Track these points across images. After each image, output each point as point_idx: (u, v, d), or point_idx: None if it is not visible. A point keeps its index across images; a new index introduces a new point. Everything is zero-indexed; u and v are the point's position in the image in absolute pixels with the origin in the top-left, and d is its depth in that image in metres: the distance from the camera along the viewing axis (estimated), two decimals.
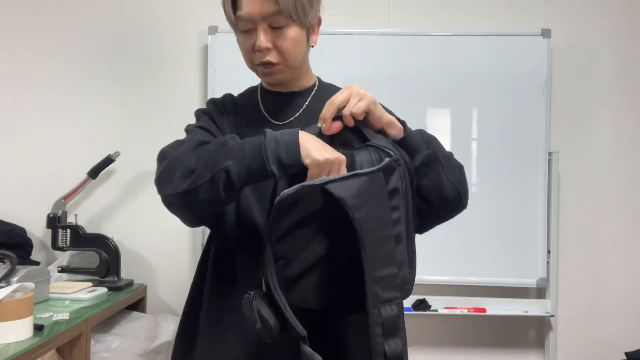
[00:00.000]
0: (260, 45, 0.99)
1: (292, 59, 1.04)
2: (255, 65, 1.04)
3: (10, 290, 1.32)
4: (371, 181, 0.80)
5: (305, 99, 1.12)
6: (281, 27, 1.00)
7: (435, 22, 2.22)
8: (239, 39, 1.04)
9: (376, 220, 0.79)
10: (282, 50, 1.01)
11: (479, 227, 2.09)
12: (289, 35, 1.01)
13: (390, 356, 0.78)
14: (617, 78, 2.23)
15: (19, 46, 2.23)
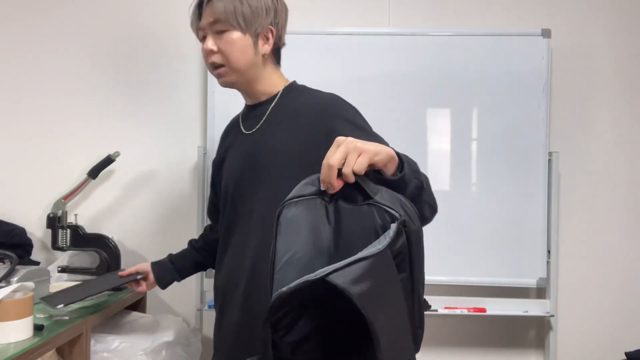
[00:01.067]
0: (206, 47, 1.20)
1: (235, 61, 1.19)
2: (210, 68, 1.25)
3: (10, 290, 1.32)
4: (376, 262, 0.75)
5: (268, 107, 1.24)
6: (223, 32, 1.18)
7: (435, 22, 2.22)
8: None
9: (384, 299, 0.75)
10: (224, 52, 1.19)
11: (479, 227, 2.09)
12: (229, 39, 1.18)
13: None
14: (617, 78, 2.23)
15: (19, 46, 2.23)
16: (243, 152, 1.23)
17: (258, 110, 1.25)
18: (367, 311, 0.71)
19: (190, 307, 2.20)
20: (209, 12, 1.18)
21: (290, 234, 0.85)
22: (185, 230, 2.22)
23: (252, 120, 1.25)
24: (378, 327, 0.72)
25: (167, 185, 2.23)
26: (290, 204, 0.86)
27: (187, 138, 2.22)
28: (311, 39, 2.00)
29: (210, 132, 2.11)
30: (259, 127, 1.23)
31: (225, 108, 2.11)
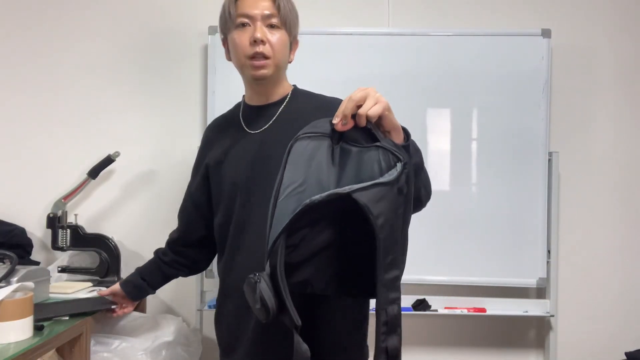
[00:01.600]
0: (257, 36, 1.15)
1: (280, 56, 1.20)
2: (246, 59, 1.19)
3: (10, 290, 1.32)
4: (389, 189, 0.87)
5: (278, 108, 1.26)
6: (275, 27, 1.18)
7: (435, 22, 2.22)
8: (235, 36, 1.19)
9: (390, 227, 0.86)
10: (273, 47, 1.18)
11: (479, 227, 2.09)
12: (280, 36, 1.19)
13: (390, 351, 0.86)
14: (617, 78, 2.23)
15: (19, 47, 2.23)
16: (251, 151, 1.22)
17: (266, 110, 1.26)
18: (380, 230, 0.84)
19: (190, 307, 2.20)
20: (267, 4, 1.17)
21: (296, 166, 0.92)
22: None
23: (259, 121, 1.25)
24: (383, 246, 0.85)
25: (167, 185, 2.23)
26: (302, 139, 0.94)
27: (187, 138, 2.22)
28: (311, 39, 1.99)
29: None
30: (268, 127, 1.23)
31: (225, 108, 2.10)
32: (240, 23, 1.18)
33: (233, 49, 1.21)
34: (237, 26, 1.18)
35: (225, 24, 1.22)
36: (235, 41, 1.19)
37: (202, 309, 2.12)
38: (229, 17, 1.19)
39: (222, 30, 1.25)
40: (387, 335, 0.86)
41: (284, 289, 0.87)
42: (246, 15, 1.17)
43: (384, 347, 0.86)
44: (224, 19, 1.21)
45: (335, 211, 0.92)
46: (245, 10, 1.17)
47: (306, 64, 2.07)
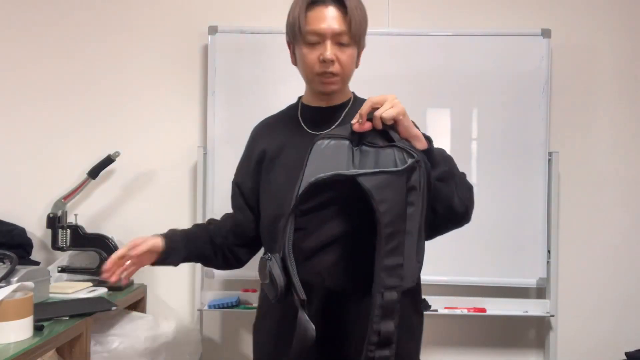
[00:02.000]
0: (327, 56, 1.14)
1: (348, 73, 1.20)
2: (314, 75, 1.18)
3: (10, 290, 1.32)
4: (395, 179, 0.91)
5: (341, 112, 1.26)
6: (344, 45, 1.16)
7: (435, 22, 2.22)
8: (304, 52, 1.18)
9: (394, 214, 0.90)
10: (342, 64, 1.17)
11: (479, 227, 2.08)
12: (349, 53, 1.17)
13: (383, 334, 0.90)
14: (617, 78, 2.23)
15: (18, 47, 2.23)
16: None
17: (329, 113, 1.25)
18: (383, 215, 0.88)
19: (190, 307, 2.20)
20: (339, 21, 1.14)
21: (317, 164, 0.97)
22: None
23: (321, 122, 1.24)
24: (385, 233, 0.88)
25: (167, 185, 2.23)
26: (323, 138, 0.99)
27: (187, 138, 2.22)
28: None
29: (210, 132, 2.11)
30: (331, 130, 1.19)
31: (225, 108, 2.11)
32: (310, 41, 1.16)
33: (301, 62, 1.20)
34: (306, 42, 1.16)
35: (293, 33, 1.19)
36: (304, 57, 1.18)
37: (202, 309, 2.12)
38: (298, 30, 1.16)
39: (289, 35, 1.22)
40: (381, 318, 0.89)
41: (290, 265, 0.91)
42: (316, 33, 1.15)
43: (377, 329, 0.89)
44: (293, 29, 1.18)
45: (344, 200, 0.95)
46: (316, 27, 1.14)
47: None
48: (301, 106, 1.30)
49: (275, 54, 2.08)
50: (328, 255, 0.97)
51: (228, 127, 2.08)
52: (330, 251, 0.97)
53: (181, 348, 1.93)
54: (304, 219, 0.95)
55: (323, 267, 0.97)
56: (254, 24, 2.15)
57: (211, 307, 2.08)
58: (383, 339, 0.90)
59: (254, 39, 2.10)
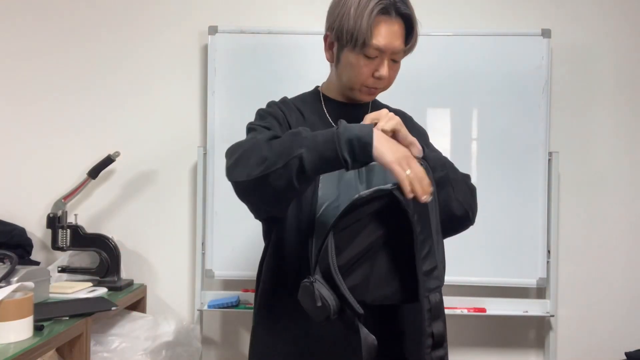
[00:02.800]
0: (383, 76, 1.12)
1: (389, 86, 1.19)
2: (361, 85, 1.15)
3: (10, 290, 1.32)
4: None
5: (365, 111, 1.22)
6: (397, 61, 1.14)
7: (435, 22, 2.21)
8: (358, 61, 1.11)
9: (423, 221, 0.95)
10: (390, 79, 1.16)
11: (479, 227, 2.07)
12: (398, 68, 1.16)
13: (436, 336, 0.94)
14: (617, 78, 2.23)
15: (19, 46, 2.23)
16: None
17: (353, 111, 1.21)
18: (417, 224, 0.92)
19: (190, 307, 2.20)
20: (401, 41, 1.11)
21: (328, 184, 1.00)
22: (186, 230, 2.22)
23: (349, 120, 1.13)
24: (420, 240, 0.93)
25: (167, 185, 2.23)
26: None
27: (187, 138, 2.22)
28: (313, 40, 1.99)
29: (210, 132, 2.11)
30: None
31: (225, 108, 2.11)
32: (370, 55, 1.10)
33: (350, 70, 1.13)
34: (364, 54, 1.10)
35: (349, 37, 1.09)
36: (356, 67, 1.12)
37: (202, 309, 2.12)
38: (361, 40, 1.08)
39: (338, 33, 1.11)
40: (432, 320, 0.93)
41: (340, 283, 0.90)
42: (379, 50, 1.09)
43: (430, 331, 0.93)
44: (352, 35, 1.08)
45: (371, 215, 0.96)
46: (381, 44, 1.08)
47: (308, 65, 2.07)
48: (324, 98, 1.25)
49: (275, 54, 2.08)
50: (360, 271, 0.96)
51: (228, 127, 2.08)
52: (360, 266, 0.96)
53: (181, 348, 1.93)
54: (336, 236, 0.93)
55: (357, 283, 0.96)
56: (254, 24, 2.15)
57: (211, 307, 2.08)
58: (437, 340, 0.94)
59: (254, 39, 2.10)
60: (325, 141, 0.92)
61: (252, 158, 0.95)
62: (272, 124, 1.13)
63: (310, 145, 0.92)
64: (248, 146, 0.99)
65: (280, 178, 0.92)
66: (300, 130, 0.96)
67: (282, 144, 0.95)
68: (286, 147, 0.93)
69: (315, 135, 0.94)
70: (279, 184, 0.92)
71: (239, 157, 0.99)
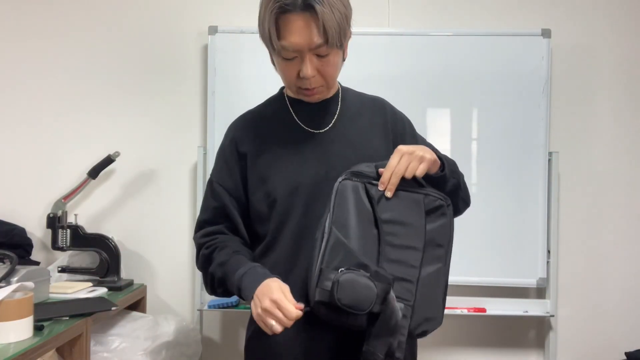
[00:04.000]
0: (307, 74, 1.05)
1: (333, 80, 1.14)
2: (296, 88, 1.12)
3: (10, 290, 1.32)
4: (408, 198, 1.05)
5: (336, 105, 1.19)
6: (324, 56, 1.06)
7: (435, 22, 2.22)
8: (281, 65, 1.09)
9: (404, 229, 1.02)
10: (325, 75, 1.09)
11: (479, 227, 2.09)
12: (332, 62, 1.08)
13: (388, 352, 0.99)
14: (618, 78, 2.22)
15: (18, 46, 2.23)
16: (318, 151, 1.13)
17: (322, 108, 1.17)
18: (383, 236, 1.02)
19: (190, 307, 2.20)
20: (314, 31, 1.01)
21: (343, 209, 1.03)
22: (185, 230, 2.22)
23: (318, 119, 1.16)
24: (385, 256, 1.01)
25: (167, 185, 2.23)
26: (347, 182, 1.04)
27: (187, 138, 2.22)
28: None
29: (210, 132, 2.11)
30: (333, 125, 1.16)
31: (225, 108, 2.11)
32: (286, 57, 1.05)
33: (280, 74, 1.11)
34: (283, 57, 1.06)
35: (266, 43, 1.08)
36: (283, 72, 1.10)
37: (202, 309, 2.12)
38: (271, 45, 1.06)
39: (263, 40, 1.10)
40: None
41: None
42: (292, 50, 1.03)
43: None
44: (265, 41, 1.08)
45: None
46: (291, 44, 1.02)
47: None
48: (289, 100, 1.19)
49: None
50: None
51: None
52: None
53: (181, 348, 1.93)
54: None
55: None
56: (254, 24, 2.13)
57: (211, 307, 2.08)
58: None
59: (254, 39, 2.07)
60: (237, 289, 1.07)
61: (202, 274, 1.17)
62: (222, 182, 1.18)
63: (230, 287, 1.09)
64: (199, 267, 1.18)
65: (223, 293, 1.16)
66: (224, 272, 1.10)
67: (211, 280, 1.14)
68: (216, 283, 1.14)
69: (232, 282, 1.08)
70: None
71: (198, 265, 1.19)
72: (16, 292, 1.34)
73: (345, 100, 1.21)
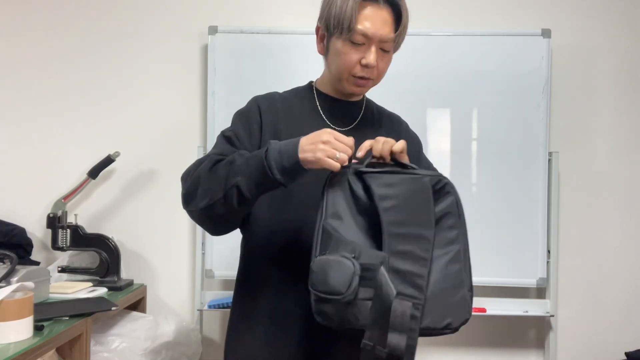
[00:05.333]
0: (371, 63, 1.08)
1: (381, 79, 1.15)
2: (349, 75, 1.12)
3: (10, 290, 1.32)
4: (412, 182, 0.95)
5: (359, 109, 1.22)
6: (386, 51, 1.11)
7: (435, 22, 2.22)
8: (344, 48, 1.09)
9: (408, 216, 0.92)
10: (380, 71, 1.12)
11: (479, 227, 2.09)
12: (388, 59, 1.13)
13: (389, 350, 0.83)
14: (617, 78, 2.22)
15: (18, 45, 2.23)
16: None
17: (347, 108, 1.20)
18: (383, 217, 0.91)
19: (190, 307, 2.20)
20: (390, 28, 1.09)
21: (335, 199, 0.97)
22: (185, 230, 2.22)
23: (342, 117, 1.19)
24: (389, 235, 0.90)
25: (167, 185, 2.23)
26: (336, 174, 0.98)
27: (187, 138, 2.22)
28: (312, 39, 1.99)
29: (210, 132, 2.11)
30: (354, 127, 1.19)
31: (225, 108, 2.11)
32: (355, 41, 1.08)
33: (338, 58, 1.11)
34: (351, 40, 1.08)
35: (337, 26, 1.08)
36: (343, 55, 1.10)
37: (202, 309, 2.12)
38: (346, 25, 1.07)
39: (327, 25, 1.10)
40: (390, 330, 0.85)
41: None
42: (365, 35, 1.07)
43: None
44: (338, 21, 1.07)
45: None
46: (367, 30, 1.07)
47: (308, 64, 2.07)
48: (317, 93, 1.21)
49: (275, 54, 2.08)
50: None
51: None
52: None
53: (181, 348, 1.93)
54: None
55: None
56: (254, 24, 2.15)
57: (211, 307, 2.08)
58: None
59: (254, 39, 2.10)
60: (257, 166, 0.96)
61: (197, 190, 1.01)
62: (238, 133, 1.13)
63: (245, 172, 0.96)
64: (194, 177, 1.03)
65: (223, 206, 0.99)
66: (234, 157, 1.00)
67: (219, 174, 0.99)
68: (223, 177, 0.98)
69: (248, 161, 0.98)
70: (222, 211, 1.00)
71: (188, 188, 1.04)
72: (16, 292, 1.34)
73: (368, 108, 1.25)
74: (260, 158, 0.96)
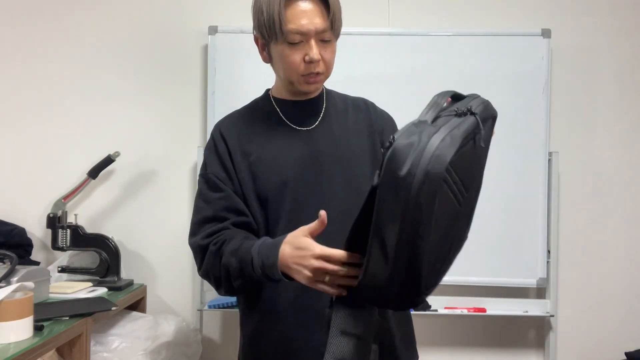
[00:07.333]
0: (315, 58, 1.08)
1: (331, 70, 1.15)
2: (298, 76, 1.11)
3: (10, 290, 1.32)
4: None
5: (320, 105, 1.21)
6: (327, 41, 1.10)
7: (435, 22, 2.22)
8: (284, 52, 1.09)
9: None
10: (327, 62, 1.11)
11: (479, 227, 2.08)
12: (332, 49, 1.12)
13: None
14: (617, 78, 2.22)
15: (19, 46, 2.23)
16: (302, 148, 1.15)
17: (308, 106, 1.20)
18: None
19: (190, 307, 2.20)
20: (322, 18, 1.07)
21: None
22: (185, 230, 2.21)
23: (304, 117, 1.19)
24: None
25: (167, 185, 2.23)
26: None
27: (187, 138, 2.22)
28: None
29: (210, 132, 2.11)
30: (319, 123, 1.18)
31: (225, 108, 2.10)
32: (292, 41, 1.07)
33: (282, 63, 1.11)
34: (287, 42, 1.07)
35: (269, 31, 1.08)
36: (286, 58, 1.09)
37: (202, 309, 2.12)
38: (278, 29, 1.06)
39: (262, 33, 1.10)
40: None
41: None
42: (300, 33, 1.06)
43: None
44: (269, 27, 1.07)
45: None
46: (299, 27, 1.06)
47: None
48: (275, 100, 1.21)
49: None
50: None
51: None
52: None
53: (181, 348, 1.93)
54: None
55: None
56: None
57: (211, 307, 2.08)
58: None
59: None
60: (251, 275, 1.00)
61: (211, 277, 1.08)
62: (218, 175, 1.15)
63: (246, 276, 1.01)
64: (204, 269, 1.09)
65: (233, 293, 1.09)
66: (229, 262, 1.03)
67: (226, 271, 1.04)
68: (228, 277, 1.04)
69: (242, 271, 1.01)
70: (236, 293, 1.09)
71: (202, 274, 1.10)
72: (16, 292, 1.34)
73: (330, 99, 1.24)
74: (248, 260, 1.00)
